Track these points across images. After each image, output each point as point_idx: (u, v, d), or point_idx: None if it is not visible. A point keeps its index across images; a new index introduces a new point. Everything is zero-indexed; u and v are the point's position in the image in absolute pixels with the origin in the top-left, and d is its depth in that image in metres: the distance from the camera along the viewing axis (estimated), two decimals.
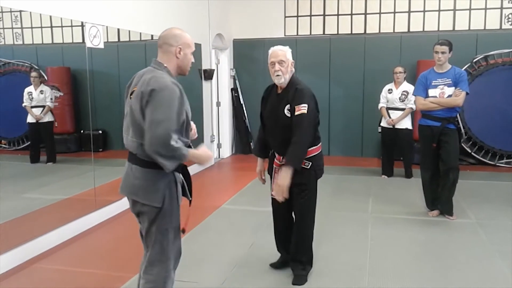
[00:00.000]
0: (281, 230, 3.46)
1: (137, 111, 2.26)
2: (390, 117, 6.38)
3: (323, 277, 3.38)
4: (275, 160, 3.33)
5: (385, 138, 6.57)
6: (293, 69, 3.23)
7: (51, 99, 5.42)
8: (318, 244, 4.03)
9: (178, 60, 2.44)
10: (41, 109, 5.31)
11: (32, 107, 5.25)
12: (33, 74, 5.30)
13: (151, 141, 2.17)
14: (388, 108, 6.46)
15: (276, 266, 3.51)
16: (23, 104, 5.18)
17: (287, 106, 3.08)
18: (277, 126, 3.20)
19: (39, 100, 5.29)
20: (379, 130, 6.72)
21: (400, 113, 6.31)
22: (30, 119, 5.26)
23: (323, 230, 4.39)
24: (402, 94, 6.32)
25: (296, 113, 3.01)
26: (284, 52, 3.15)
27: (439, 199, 4.75)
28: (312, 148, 3.19)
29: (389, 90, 6.48)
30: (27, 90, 5.22)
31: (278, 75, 3.10)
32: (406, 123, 6.31)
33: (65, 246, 4.08)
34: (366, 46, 8.00)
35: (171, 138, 2.16)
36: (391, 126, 6.35)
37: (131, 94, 2.36)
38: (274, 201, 3.29)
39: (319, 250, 3.88)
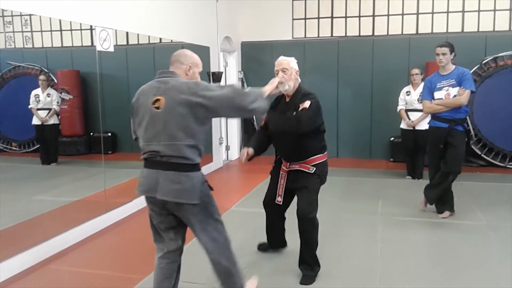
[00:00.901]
0: (271, 229, 3.72)
1: (185, 115, 2.43)
2: (409, 119, 6.38)
3: (333, 279, 3.37)
4: (282, 166, 3.48)
5: (406, 140, 6.56)
6: (299, 78, 3.41)
7: (57, 102, 5.47)
8: (328, 245, 4.03)
9: (187, 77, 2.66)
10: (47, 111, 5.36)
11: (38, 109, 5.30)
12: (42, 77, 5.36)
13: (242, 110, 2.49)
14: (407, 110, 6.46)
15: (262, 249, 3.82)
16: (29, 106, 5.23)
17: (294, 113, 3.24)
18: (285, 133, 3.33)
19: (45, 103, 5.35)
20: (400, 132, 6.70)
21: (419, 114, 6.30)
22: (35, 121, 5.31)
23: (332, 232, 4.38)
24: (420, 95, 6.32)
25: (301, 108, 3.22)
26: (287, 61, 3.35)
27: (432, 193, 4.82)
28: (318, 155, 3.40)
29: (407, 92, 6.49)
30: (34, 92, 5.28)
31: (281, 83, 3.25)
32: (426, 125, 6.30)
33: (76, 248, 4.11)
34: (374, 48, 7.99)
35: (246, 101, 2.47)
36: (411, 128, 6.35)
37: (154, 104, 2.50)
38: (273, 202, 3.52)
39: (329, 252, 3.88)
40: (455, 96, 4.51)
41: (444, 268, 3.55)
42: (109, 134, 6.24)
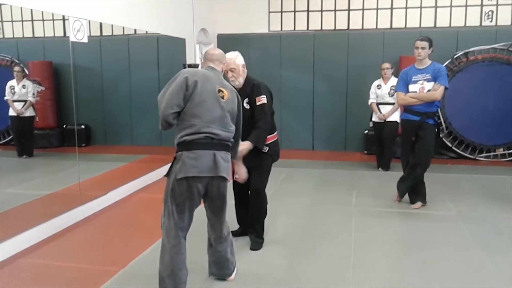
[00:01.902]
0: (240, 207, 4.01)
1: (235, 111, 2.98)
2: (381, 112, 6.49)
3: (309, 267, 3.43)
4: None
5: (378, 133, 6.69)
6: (245, 70, 3.77)
7: (33, 94, 5.36)
8: (304, 235, 4.10)
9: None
10: (23, 103, 5.25)
11: (14, 101, 5.19)
12: (17, 68, 5.23)
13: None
14: (378, 104, 6.57)
15: (236, 234, 3.98)
16: (5, 98, 5.11)
17: (246, 100, 3.61)
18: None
19: (21, 95, 5.23)
20: (371, 125, 6.83)
21: (390, 107, 6.44)
22: (11, 112, 5.20)
23: (309, 222, 4.45)
24: (390, 89, 6.45)
25: (258, 103, 3.62)
26: (233, 60, 3.64)
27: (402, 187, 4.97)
28: (269, 135, 3.74)
29: (378, 86, 6.61)
30: (9, 84, 5.16)
31: (232, 80, 3.63)
32: (395, 117, 6.43)
33: (50, 241, 4.05)
34: (349, 42, 8.07)
35: None
36: (383, 121, 6.47)
37: (219, 93, 2.88)
38: (235, 183, 3.84)
39: (305, 241, 3.94)
40: (429, 90, 4.62)
41: (416, 256, 3.65)
42: (83, 126, 6.16)
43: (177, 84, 2.77)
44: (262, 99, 3.62)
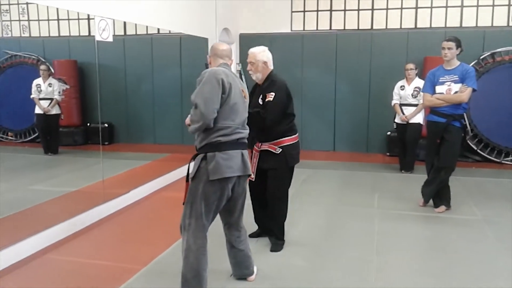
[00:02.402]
0: (256, 207, 3.96)
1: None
2: (403, 113, 6.41)
3: (331, 270, 3.40)
4: (255, 146, 3.80)
5: (400, 135, 6.60)
6: (270, 67, 3.73)
7: (59, 92, 5.45)
8: (325, 238, 4.06)
9: None
10: (49, 101, 5.34)
11: (40, 99, 5.28)
12: (43, 67, 5.33)
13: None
14: (401, 105, 6.49)
15: (254, 235, 3.98)
16: (31, 96, 5.21)
17: (261, 96, 3.64)
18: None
19: (47, 93, 5.32)
20: (394, 126, 6.75)
21: (413, 109, 6.34)
22: (38, 110, 5.29)
23: (330, 224, 4.42)
24: (414, 90, 6.37)
25: (266, 100, 3.59)
26: (254, 54, 3.68)
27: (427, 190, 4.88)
28: (285, 138, 3.69)
29: (401, 86, 6.52)
30: (35, 82, 5.25)
31: (250, 73, 3.72)
32: (418, 118, 6.34)
33: (74, 238, 4.11)
34: (372, 42, 7.98)
35: None
36: (405, 122, 6.38)
37: (243, 94, 2.96)
38: (251, 183, 3.80)
39: (326, 244, 3.91)
40: (456, 92, 4.52)
41: (439, 262, 3.59)
42: (106, 124, 6.23)
43: (215, 86, 2.72)
44: (270, 96, 3.59)
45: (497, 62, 7.15)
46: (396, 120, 6.65)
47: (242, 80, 8.57)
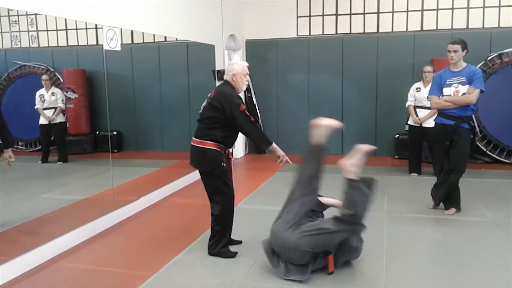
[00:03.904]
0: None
1: None
2: (417, 115, 6.37)
3: (341, 276, 3.39)
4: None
5: (412, 136, 6.57)
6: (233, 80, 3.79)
7: (62, 100, 5.50)
8: None
9: None
10: (53, 110, 5.39)
11: (44, 109, 5.34)
12: (44, 77, 5.39)
13: None
14: (415, 107, 6.45)
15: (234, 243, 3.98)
16: (36, 107, 5.26)
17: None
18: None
19: (50, 102, 5.38)
20: (406, 128, 6.72)
21: (427, 111, 6.30)
22: (42, 120, 5.35)
23: None
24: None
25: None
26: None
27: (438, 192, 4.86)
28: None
29: (417, 88, 6.47)
30: (39, 92, 5.32)
31: (246, 84, 3.92)
32: (432, 123, 6.31)
33: (85, 246, 4.14)
34: (379, 45, 7.98)
35: None
36: (418, 125, 6.35)
37: None
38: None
39: None
40: (464, 94, 4.51)
41: (451, 265, 3.57)
42: (115, 132, 6.28)
43: None
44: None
45: (505, 63, 7.12)
46: (409, 122, 6.61)
47: (249, 85, 8.61)
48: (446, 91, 4.61)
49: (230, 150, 3.81)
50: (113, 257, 3.91)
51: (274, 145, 3.68)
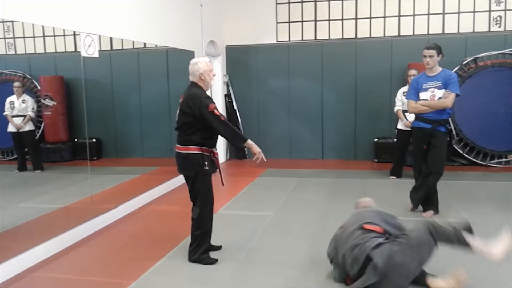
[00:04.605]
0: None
1: None
2: (407, 119, 6.44)
3: (321, 279, 3.41)
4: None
5: (401, 140, 6.62)
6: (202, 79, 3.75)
7: (33, 108, 5.45)
8: (316, 246, 4.07)
9: None
10: (22, 118, 5.32)
11: (13, 116, 5.27)
12: (16, 84, 5.34)
13: None
14: (404, 111, 6.52)
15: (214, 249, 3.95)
16: (4, 113, 5.19)
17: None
18: None
19: (20, 110, 5.33)
20: (396, 132, 6.79)
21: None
22: (10, 128, 5.29)
23: (320, 232, 4.43)
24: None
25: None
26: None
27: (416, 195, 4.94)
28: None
29: (404, 93, 6.54)
30: (9, 99, 5.26)
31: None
32: None
33: (63, 255, 4.08)
34: (357, 51, 8.08)
35: None
36: (409, 129, 6.41)
37: None
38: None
39: (317, 252, 3.92)
40: (440, 98, 4.60)
41: (429, 265, 3.61)
42: (94, 140, 6.22)
43: None
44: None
45: (480, 67, 7.28)
46: (398, 126, 6.68)
47: (230, 91, 8.63)
48: (422, 95, 4.70)
49: (215, 150, 3.78)
50: (92, 266, 3.86)
51: (249, 141, 3.64)
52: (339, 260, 3.22)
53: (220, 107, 8.56)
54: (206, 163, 3.63)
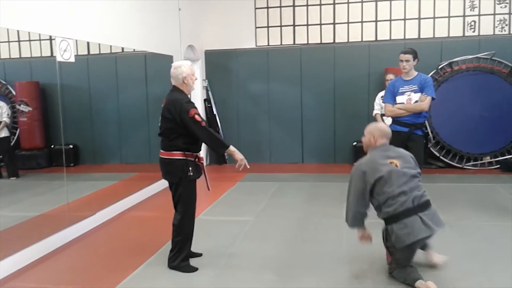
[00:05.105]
0: None
1: None
2: (384, 123, 6.48)
3: (302, 283, 3.41)
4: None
5: None
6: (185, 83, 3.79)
7: (8, 114, 5.35)
8: (294, 250, 4.08)
9: None
10: None
11: None
12: None
13: None
14: (382, 115, 6.58)
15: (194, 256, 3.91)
16: None
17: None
18: None
19: None
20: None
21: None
22: None
23: (301, 235, 4.44)
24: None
25: None
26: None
27: None
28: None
29: (382, 97, 6.60)
30: None
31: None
32: None
33: (39, 263, 3.99)
34: (335, 55, 8.15)
35: None
36: None
37: None
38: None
39: (296, 257, 3.93)
40: (416, 101, 4.67)
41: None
42: (71, 146, 6.13)
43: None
44: None
45: (455, 71, 7.42)
46: None
47: (209, 96, 8.61)
48: (399, 99, 4.76)
49: (200, 154, 3.75)
50: (69, 275, 3.78)
51: (231, 147, 3.59)
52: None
53: (200, 112, 8.52)
54: (190, 168, 3.58)
